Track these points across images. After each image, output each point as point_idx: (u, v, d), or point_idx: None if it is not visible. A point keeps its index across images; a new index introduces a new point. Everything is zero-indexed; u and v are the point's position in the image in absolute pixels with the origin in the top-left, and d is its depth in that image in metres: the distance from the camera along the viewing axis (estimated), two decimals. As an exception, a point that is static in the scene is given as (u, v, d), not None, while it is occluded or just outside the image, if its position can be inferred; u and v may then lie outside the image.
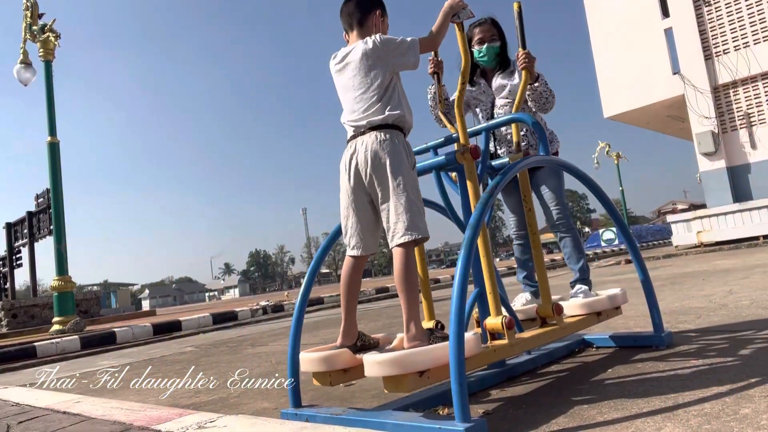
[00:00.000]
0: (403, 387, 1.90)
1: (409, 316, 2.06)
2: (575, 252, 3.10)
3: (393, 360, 1.88)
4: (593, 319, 2.79)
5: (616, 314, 2.96)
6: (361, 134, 2.17)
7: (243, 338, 6.76)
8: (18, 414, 2.80)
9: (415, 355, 1.89)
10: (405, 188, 2.09)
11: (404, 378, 1.88)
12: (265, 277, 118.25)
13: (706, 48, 14.90)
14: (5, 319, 13.63)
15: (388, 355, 1.91)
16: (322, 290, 21.74)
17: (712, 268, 7.72)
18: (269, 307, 11.02)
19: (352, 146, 2.20)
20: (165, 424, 2.13)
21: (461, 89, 2.46)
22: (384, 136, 2.13)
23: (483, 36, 3.20)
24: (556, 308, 2.58)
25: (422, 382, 1.91)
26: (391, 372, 1.88)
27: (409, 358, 1.89)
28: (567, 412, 1.95)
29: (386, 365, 1.89)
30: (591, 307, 2.79)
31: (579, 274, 3.09)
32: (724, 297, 4.40)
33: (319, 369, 2.17)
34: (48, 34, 10.59)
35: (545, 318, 2.63)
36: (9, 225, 16.43)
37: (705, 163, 14.97)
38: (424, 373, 1.91)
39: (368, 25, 2.30)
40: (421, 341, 2.03)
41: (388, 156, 2.11)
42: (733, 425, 1.59)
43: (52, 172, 10.44)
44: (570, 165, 2.84)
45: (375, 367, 1.93)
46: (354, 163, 2.18)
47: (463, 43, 2.42)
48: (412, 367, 1.88)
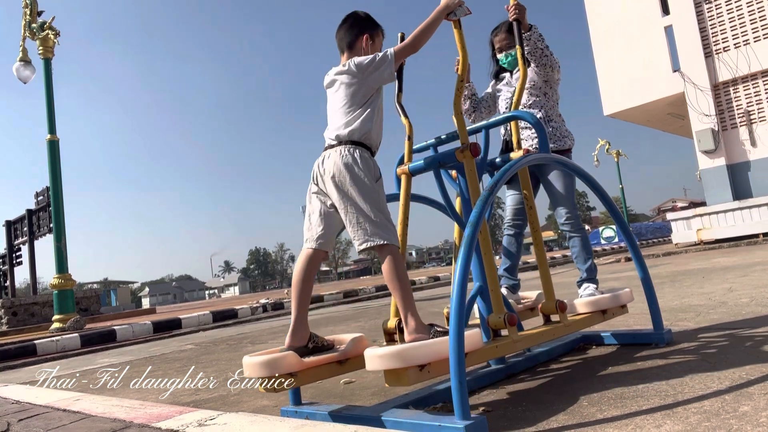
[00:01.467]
0: (404, 381, 1.89)
1: (405, 311, 2.08)
2: (583, 252, 3.15)
3: (394, 353, 1.87)
4: (599, 317, 2.80)
5: (622, 312, 2.98)
6: (330, 147, 2.30)
7: (243, 336, 6.77)
8: (18, 412, 2.81)
9: (416, 349, 1.89)
10: (363, 202, 2.18)
11: (405, 372, 1.88)
12: (265, 275, 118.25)
13: (706, 45, 14.88)
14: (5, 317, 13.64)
15: (389, 348, 1.91)
16: (322, 288, 21.78)
17: (712, 265, 7.72)
18: (269, 305, 11.02)
19: (321, 156, 2.33)
20: (165, 422, 2.13)
21: (459, 87, 2.46)
22: (346, 152, 2.24)
23: (500, 45, 3.40)
24: (560, 305, 2.58)
25: (423, 376, 1.91)
26: (392, 365, 1.88)
27: (410, 351, 1.88)
28: (567, 409, 1.95)
29: (387, 359, 1.88)
30: (597, 305, 2.80)
31: (586, 274, 3.13)
32: (724, 295, 4.40)
33: (262, 374, 2.08)
34: (47, 32, 10.58)
35: (549, 315, 2.63)
36: (9, 223, 16.44)
37: (705, 161, 14.97)
38: (425, 367, 1.90)
39: (357, 48, 2.43)
40: (421, 335, 2.04)
41: (348, 171, 2.21)
42: (732, 423, 1.59)
43: (52, 169, 10.43)
44: (570, 163, 2.84)
45: (376, 360, 1.92)
46: (320, 172, 2.31)
47: (460, 41, 2.43)
48: (413, 361, 1.87)
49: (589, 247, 3.17)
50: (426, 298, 9.21)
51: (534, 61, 3.19)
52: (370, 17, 2.48)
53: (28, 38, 10.84)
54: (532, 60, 3.19)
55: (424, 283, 14.17)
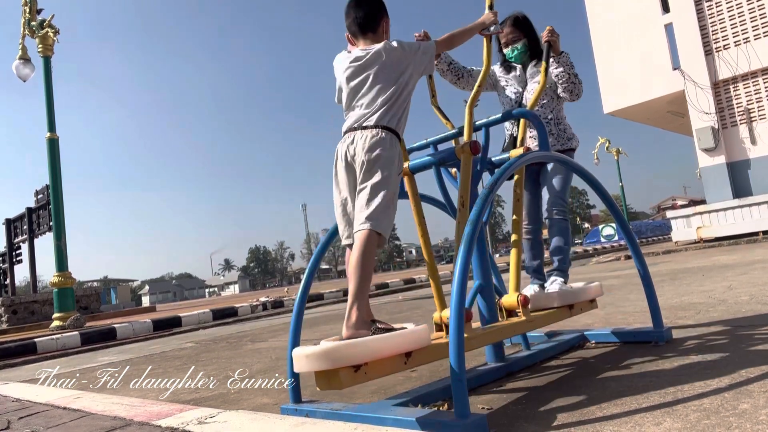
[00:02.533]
0: (336, 383, 1.71)
1: (354, 300, 1.94)
2: (560, 242, 3.05)
3: (322, 353, 1.69)
4: (565, 313, 2.72)
5: (591, 308, 2.93)
6: (363, 128, 2.19)
7: (243, 334, 6.77)
8: (18, 410, 2.81)
9: (348, 347, 1.71)
10: (384, 186, 2.11)
11: (336, 373, 1.71)
12: (264, 273, 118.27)
13: (706, 43, 14.87)
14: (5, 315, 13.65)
15: (317, 347, 1.73)
16: (322, 286, 21.76)
17: (712, 263, 7.72)
18: (269, 303, 11.03)
19: (350, 137, 2.21)
20: (165, 420, 2.13)
21: (476, 92, 2.69)
22: (384, 135, 2.17)
23: (506, 39, 3.37)
24: (522, 300, 2.46)
25: (358, 377, 1.74)
26: (321, 366, 1.70)
27: (341, 350, 1.70)
28: (567, 407, 1.95)
29: (315, 359, 1.70)
30: (563, 300, 2.72)
31: (557, 264, 3.03)
32: (724, 293, 4.40)
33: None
34: (47, 30, 10.57)
35: (511, 310, 2.51)
36: (9, 221, 16.45)
37: (705, 159, 14.96)
38: (361, 368, 1.74)
39: (380, 32, 2.37)
40: (359, 331, 1.89)
41: (383, 153, 2.14)
42: (732, 420, 1.59)
43: (52, 168, 10.43)
44: (570, 161, 2.84)
45: (303, 361, 1.75)
46: (350, 153, 2.19)
47: (488, 54, 2.62)
48: (345, 361, 1.70)
49: (568, 236, 3.07)
50: (426, 296, 9.22)
51: (561, 84, 3.16)
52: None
53: (28, 36, 10.82)
54: (559, 83, 3.17)
55: (424, 281, 14.16)
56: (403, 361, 1.88)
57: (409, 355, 1.88)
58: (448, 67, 3.26)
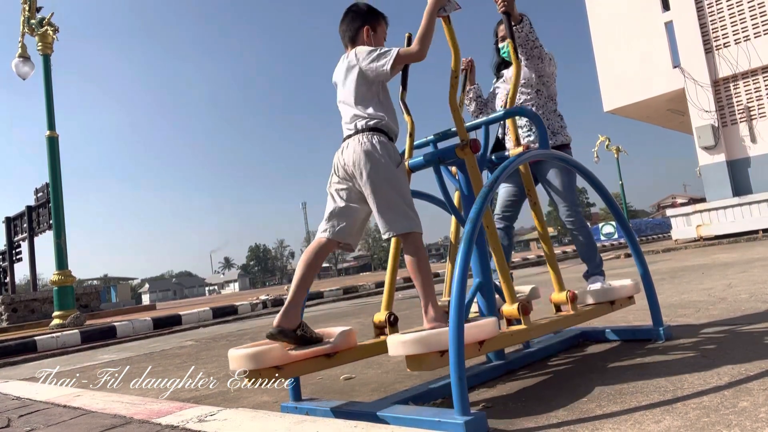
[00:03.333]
0: (426, 365, 1.95)
1: (426, 300, 2.12)
2: (588, 247, 3.19)
3: (417, 339, 1.92)
4: (607, 308, 2.85)
5: (629, 303, 3.01)
6: (349, 137, 2.30)
7: (243, 332, 6.77)
8: (18, 408, 2.81)
9: (438, 335, 1.93)
10: (386, 187, 2.19)
11: (426, 357, 1.93)
12: (264, 272, 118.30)
13: (706, 41, 14.85)
14: (5, 314, 13.65)
15: (412, 334, 1.96)
16: (322, 284, 21.78)
17: (712, 261, 7.72)
18: (269, 301, 11.03)
19: (341, 147, 2.34)
20: (165, 418, 2.14)
21: (453, 84, 2.47)
22: (365, 139, 2.24)
23: (503, 34, 3.36)
24: (570, 296, 2.62)
25: (443, 361, 1.94)
26: (415, 351, 1.93)
27: (432, 337, 1.93)
28: (566, 405, 1.95)
29: (410, 344, 1.93)
30: (605, 296, 2.84)
31: (593, 269, 3.17)
32: (723, 291, 4.40)
33: (247, 366, 2.04)
34: (46, 28, 10.55)
35: (559, 305, 2.68)
36: (8, 219, 16.43)
37: (705, 157, 14.96)
38: (445, 353, 1.92)
39: (359, 41, 2.43)
40: (440, 322, 2.07)
41: (368, 158, 2.21)
42: (731, 418, 1.59)
43: (52, 166, 10.42)
44: (570, 159, 2.83)
45: (399, 346, 1.96)
46: (341, 163, 2.31)
47: (451, 37, 2.43)
48: (435, 346, 1.92)
49: (593, 241, 3.21)
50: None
51: (524, 53, 3.15)
52: (371, 8, 2.47)
53: (27, 34, 10.80)
54: (522, 53, 3.15)
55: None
56: (477, 348, 2.03)
57: (482, 343, 2.04)
58: (476, 99, 3.43)
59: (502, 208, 3.37)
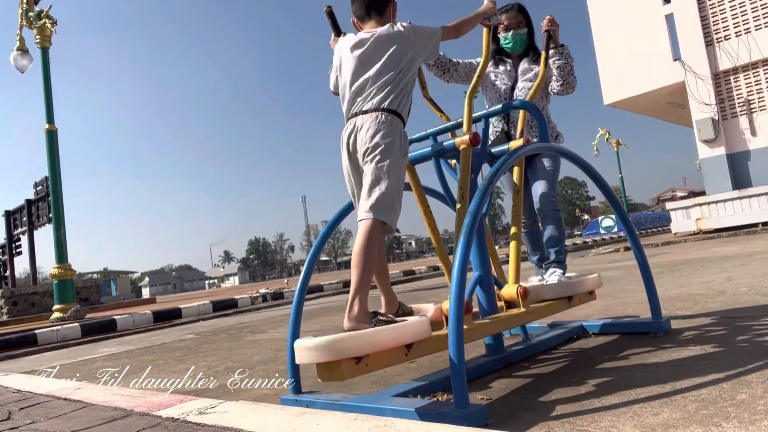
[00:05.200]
0: (338, 375, 1.72)
1: (355, 294, 1.96)
2: (555, 233, 3.03)
3: (325, 345, 1.71)
4: (564, 305, 2.73)
5: (590, 299, 2.94)
6: (363, 113, 2.18)
7: (243, 325, 6.78)
8: (19, 401, 2.82)
9: (350, 339, 1.73)
10: (388, 172, 2.09)
11: (338, 365, 1.72)
12: (264, 265, 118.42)
13: (707, 34, 14.80)
14: (6, 307, 13.68)
15: (319, 339, 1.74)
16: (322, 278, 21.79)
17: (711, 255, 7.73)
18: (269, 294, 11.04)
19: (351, 124, 2.21)
20: (166, 410, 2.14)
21: (476, 83, 2.65)
22: (384, 118, 2.14)
23: (509, 23, 3.26)
24: (521, 291, 2.45)
25: (360, 369, 1.76)
26: (323, 358, 1.72)
27: (343, 342, 1.71)
28: (565, 398, 1.96)
29: (317, 351, 1.71)
30: (563, 291, 2.73)
31: (554, 256, 3.03)
32: (723, 284, 4.41)
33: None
34: (44, 21, 10.51)
35: (511, 302, 2.51)
36: (8, 213, 16.43)
37: (705, 150, 14.93)
38: (362, 360, 1.75)
39: (386, 14, 2.35)
40: (361, 323, 1.91)
41: (383, 138, 2.12)
42: (730, 410, 1.60)
43: (51, 159, 10.41)
44: (570, 152, 2.83)
45: (305, 353, 1.75)
46: (352, 140, 2.20)
47: (487, 45, 2.60)
48: (347, 353, 1.71)
49: (561, 229, 3.07)
50: (426, 288, 9.23)
51: (561, 77, 3.14)
52: None
53: (26, 27, 10.76)
54: (558, 78, 3.15)
55: (424, 273, 14.19)
56: (404, 353, 1.89)
57: (410, 346, 1.89)
58: (434, 60, 3.21)
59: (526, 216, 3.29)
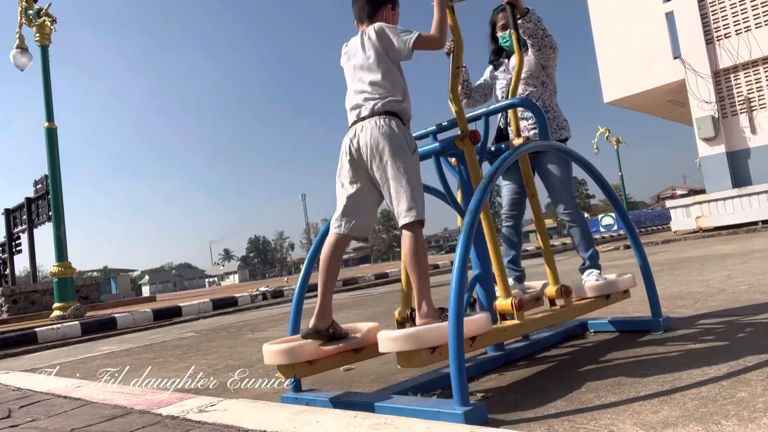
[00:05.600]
0: (416, 362, 1.94)
1: (420, 295, 2.09)
2: (584, 241, 3.16)
3: (407, 336, 1.92)
4: (602, 302, 2.84)
5: (625, 297, 3.01)
6: (362, 120, 2.22)
7: (243, 324, 6.79)
8: (19, 398, 2.82)
9: (428, 332, 1.93)
10: (404, 172, 2.14)
11: (417, 353, 1.92)
12: (264, 263, 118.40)
13: (707, 32, 14.78)
14: (6, 305, 13.68)
15: (402, 331, 1.96)
16: (322, 276, 21.76)
17: (711, 253, 7.73)
18: (269, 292, 11.05)
19: (352, 131, 2.25)
20: (166, 408, 2.15)
21: (455, 73, 2.49)
22: (383, 122, 2.18)
23: (504, 22, 3.31)
24: (564, 290, 2.60)
25: (434, 358, 1.95)
26: (405, 347, 1.92)
27: (422, 334, 1.93)
28: (565, 396, 1.96)
29: (401, 341, 1.93)
30: (600, 290, 2.83)
31: (589, 261, 3.14)
32: (722, 282, 4.41)
33: (282, 361, 2.16)
34: (44, 18, 10.49)
35: (553, 300, 2.66)
36: (8, 211, 16.43)
37: (705, 148, 14.93)
38: (436, 350, 1.94)
39: (378, 18, 2.36)
40: (432, 318, 2.06)
41: (387, 141, 2.15)
42: (729, 408, 1.60)
43: (51, 157, 10.40)
44: (569, 150, 2.83)
45: (390, 342, 1.96)
46: (354, 147, 2.23)
47: (455, 26, 2.45)
48: (425, 343, 1.92)
49: (589, 234, 3.19)
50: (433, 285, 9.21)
51: (535, 44, 3.12)
52: None
53: (25, 25, 10.74)
54: (532, 44, 3.13)
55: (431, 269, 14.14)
56: (470, 344, 2.02)
57: (474, 339, 2.04)
58: (462, 83, 3.31)
59: (509, 206, 3.33)
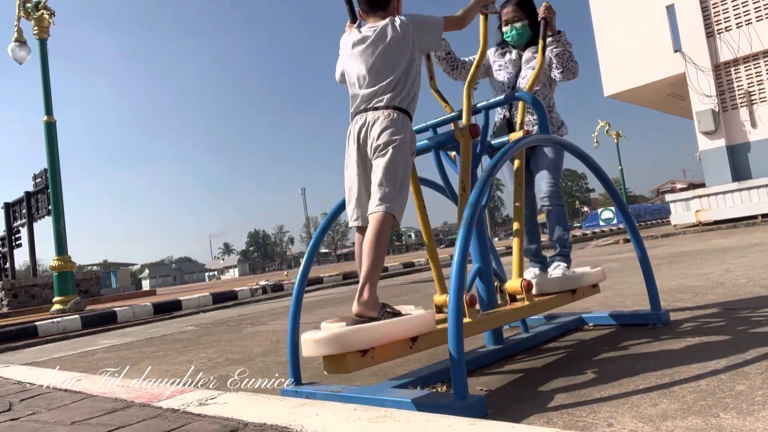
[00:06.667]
0: (344, 368, 1.74)
1: (366, 280, 1.97)
2: (559, 227, 3.05)
3: (332, 338, 1.71)
4: (567, 298, 2.73)
5: (593, 292, 2.95)
6: (374, 109, 2.19)
7: (243, 317, 6.80)
8: (20, 392, 2.83)
9: (357, 333, 1.74)
10: (397, 168, 2.13)
11: (344, 358, 1.73)
12: (264, 257, 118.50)
13: (707, 25, 14.72)
14: (6, 299, 13.69)
15: (326, 332, 1.75)
16: (321, 270, 21.82)
17: (710, 246, 7.74)
18: (269, 286, 11.06)
19: (362, 119, 2.22)
20: (166, 401, 2.15)
21: (474, 73, 2.60)
22: (396, 116, 2.17)
23: (507, 18, 3.31)
24: (525, 284, 2.46)
25: (365, 362, 1.77)
26: (330, 351, 1.72)
27: (350, 335, 1.73)
28: (564, 389, 1.97)
29: (323, 344, 1.72)
30: (566, 285, 2.74)
31: (559, 250, 3.05)
32: (722, 275, 4.41)
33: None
34: (42, 12, 10.46)
35: (514, 295, 2.52)
36: (7, 205, 16.41)
37: (705, 142, 14.90)
38: (368, 353, 1.77)
39: (390, 8, 2.34)
40: (369, 309, 1.92)
41: (396, 134, 2.14)
42: (728, 401, 1.60)
43: (50, 151, 10.39)
44: (569, 144, 2.82)
45: (312, 346, 1.76)
46: (362, 135, 2.20)
47: (485, 33, 2.55)
48: (353, 346, 1.72)
49: (566, 222, 3.08)
50: (424, 280, 9.24)
51: (559, 65, 3.12)
52: None
53: (23, 18, 10.70)
54: (557, 64, 3.13)
55: (423, 265, 14.19)
56: (409, 346, 1.90)
57: (414, 339, 1.91)
58: (445, 55, 3.21)
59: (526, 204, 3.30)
